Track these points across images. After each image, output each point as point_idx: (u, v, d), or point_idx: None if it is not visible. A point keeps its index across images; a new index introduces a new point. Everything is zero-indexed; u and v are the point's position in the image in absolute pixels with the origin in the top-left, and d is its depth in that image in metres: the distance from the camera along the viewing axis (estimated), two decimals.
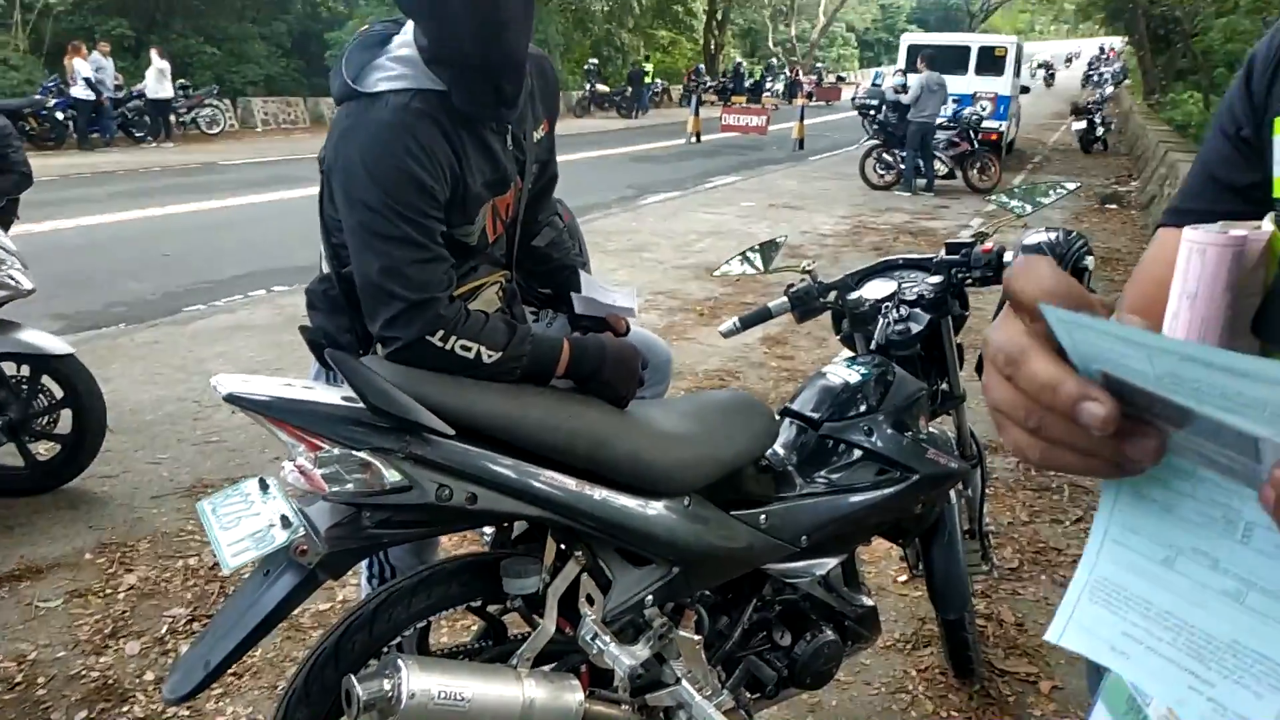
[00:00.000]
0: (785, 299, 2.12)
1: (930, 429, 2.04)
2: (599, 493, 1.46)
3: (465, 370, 1.43)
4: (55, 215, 8.67)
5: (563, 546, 1.51)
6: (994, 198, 2.35)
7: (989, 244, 2.02)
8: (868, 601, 1.92)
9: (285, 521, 1.30)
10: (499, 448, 1.39)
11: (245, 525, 1.33)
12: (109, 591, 2.64)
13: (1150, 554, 0.46)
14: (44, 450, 3.25)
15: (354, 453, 1.29)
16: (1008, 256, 1.99)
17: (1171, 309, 0.56)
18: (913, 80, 11.30)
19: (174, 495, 3.25)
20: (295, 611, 2.52)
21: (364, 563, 1.88)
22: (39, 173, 4.09)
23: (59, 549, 2.86)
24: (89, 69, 14.55)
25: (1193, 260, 0.54)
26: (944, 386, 2.14)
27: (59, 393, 3.15)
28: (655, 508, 1.53)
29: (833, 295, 2.11)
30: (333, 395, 1.35)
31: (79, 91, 14.49)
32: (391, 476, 1.30)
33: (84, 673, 2.28)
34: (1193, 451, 0.43)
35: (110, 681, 2.25)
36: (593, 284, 1.88)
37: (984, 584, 2.74)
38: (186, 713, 2.13)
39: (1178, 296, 0.55)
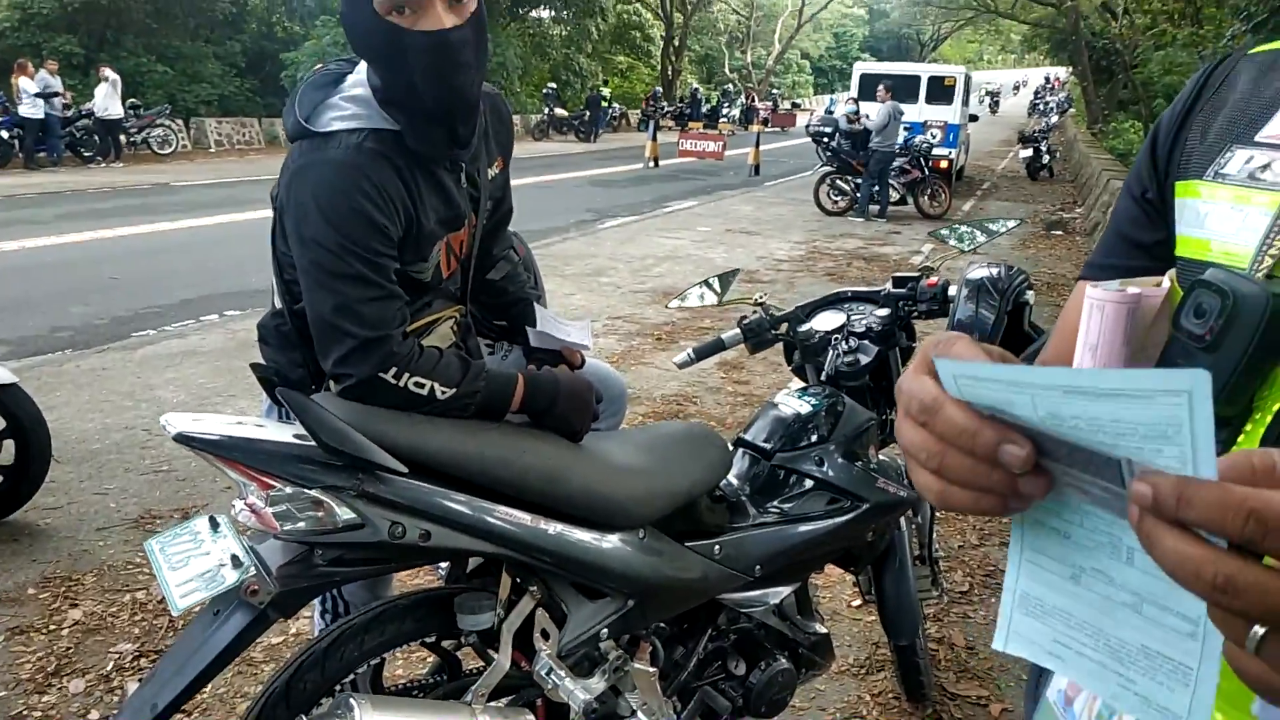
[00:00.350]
0: (738, 330, 2.15)
1: (880, 458, 2.08)
2: (554, 527, 1.47)
3: (418, 407, 1.43)
4: (1, 237, 8.47)
5: (518, 581, 1.52)
6: (938, 231, 2.42)
7: (934, 278, 2.08)
8: (821, 629, 1.95)
9: (236, 561, 1.29)
10: (452, 484, 1.40)
11: (195, 565, 1.31)
12: (52, 628, 2.57)
13: (1059, 572, 0.50)
14: None
15: (306, 491, 1.29)
16: (952, 290, 2.04)
17: (1076, 359, 0.60)
18: (877, 109, 11.54)
19: (121, 526, 3.18)
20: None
21: (317, 599, 1.86)
22: None
23: (0, 584, 2.78)
24: (35, 87, 14.26)
25: (1093, 315, 0.59)
26: (892, 416, 2.19)
27: (1, 423, 3.07)
28: (610, 541, 1.54)
29: (784, 327, 2.15)
30: (284, 433, 1.34)
31: (26, 110, 14.19)
32: (344, 514, 1.29)
33: (25, 713, 2.22)
34: (1074, 487, 0.46)
35: None
36: (547, 318, 1.89)
37: (935, 608, 2.79)
38: None
39: (1081, 348, 0.60)
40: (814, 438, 1.91)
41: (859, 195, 11.85)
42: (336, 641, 1.42)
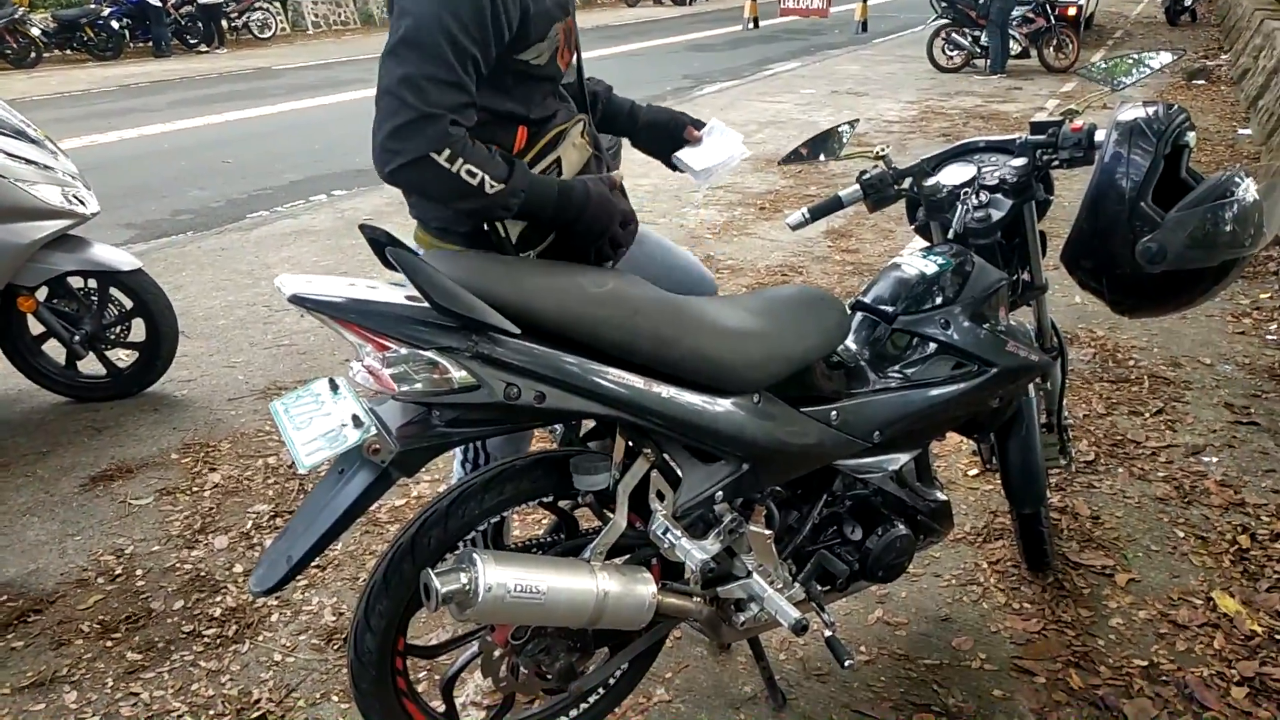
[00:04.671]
0: (857, 187, 2.02)
1: (1010, 320, 1.96)
2: (666, 390, 1.43)
3: (465, 199, 1.40)
4: (119, 125, 8.79)
5: (631, 444, 1.50)
6: (1083, 69, 2.19)
7: (1079, 122, 1.89)
8: (941, 496, 1.89)
9: (356, 421, 1.31)
10: (564, 346, 1.37)
11: (317, 425, 1.33)
12: (195, 489, 2.75)
13: None
14: (124, 356, 3.35)
15: (421, 352, 1.28)
16: (1099, 135, 1.85)
17: None
18: None
19: (250, 397, 3.35)
20: (372, 507, 2.60)
21: (458, 450, 1.89)
22: (99, 83, 4.08)
23: (146, 450, 2.98)
24: None
25: None
26: (1025, 276, 2.04)
27: (128, 303, 3.23)
28: (723, 405, 1.50)
29: (908, 182, 2.01)
30: (397, 295, 1.33)
31: None
32: (460, 376, 1.28)
33: (178, 565, 2.40)
34: None
35: (202, 573, 2.36)
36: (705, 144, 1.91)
37: (1059, 477, 2.68)
38: (275, 602, 2.23)
39: None
40: (939, 299, 1.81)
41: (978, 49, 11.02)
42: (458, 500, 1.45)
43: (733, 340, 1.53)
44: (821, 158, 2.13)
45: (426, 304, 1.28)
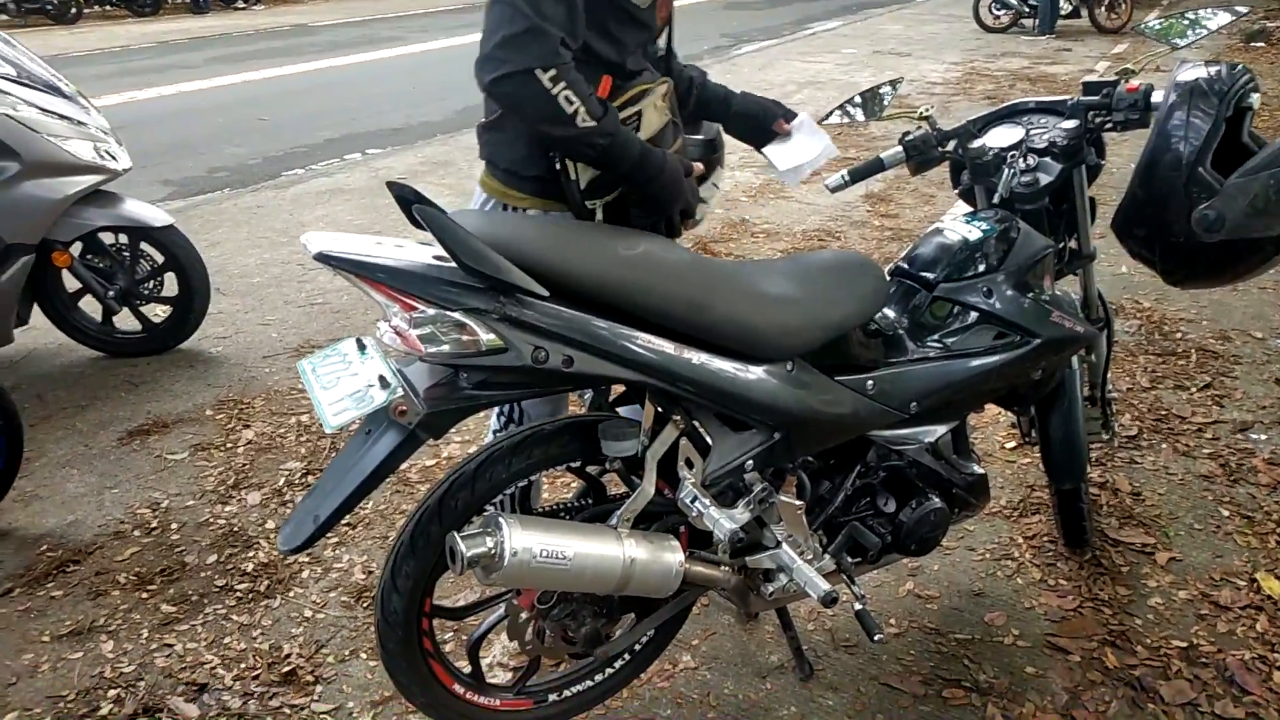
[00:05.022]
0: (899, 149, 1.96)
1: (1055, 290, 1.90)
2: (697, 356, 1.40)
3: (558, 126, 1.41)
4: (157, 82, 8.83)
5: (661, 410, 1.47)
6: (1143, 25, 2.09)
7: (1135, 82, 1.80)
8: (978, 469, 1.84)
9: (383, 382, 1.29)
10: (595, 309, 1.34)
11: (344, 385, 1.32)
12: (229, 445, 2.77)
13: None
14: (159, 312, 3.38)
15: (448, 313, 1.25)
16: (1156, 96, 1.77)
17: None
18: None
19: (284, 355, 3.36)
20: (403, 466, 2.60)
21: (495, 409, 1.87)
22: (138, 40, 4.09)
23: (182, 405, 3.01)
24: None
25: None
26: (1072, 244, 1.97)
27: (160, 258, 3.25)
28: (756, 372, 1.47)
29: (952, 144, 1.94)
30: (425, 254, 1.30)
31: None
32: (487, 338, 1.26)
33: (211, 520, 2.42)
34: None
35: (236, 529, 2.38)
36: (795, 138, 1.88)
37: (1100, 451, 2.62)
38: (306, 559, 2.25)
39: None
40: (982, 267, 1.75)
41: (1026, 8, 10.68)
42: (485, 463, 1.43)
43: (767, 306, 1.49)
44: (862, 118, 2.06)
45: (454, 264, 1.25)
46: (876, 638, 1.61)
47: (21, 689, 1.88)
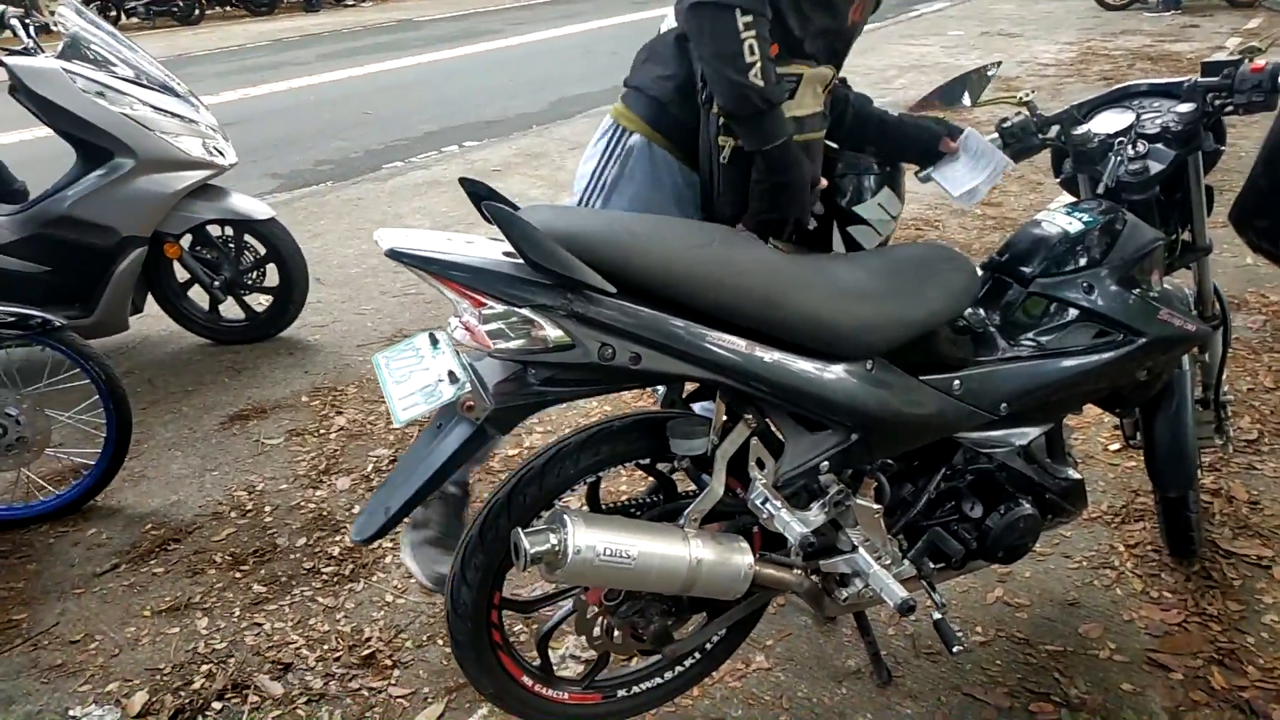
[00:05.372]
0: (997, 135, 1.87)
1: (1165, 285, 1.77)
2: (770, 354, 1.36)
3: (729, 66, 1.48)
4: (271, 79, 9.21)
5: (732, 408, 1.43)
6: (1271, 1, 1.92)
7: (1260, 61, 1.66)
8: (1074, 474, 1.74)
9: (453, 377, 1.30)
10: (664, 306, 1.31)
11: (416, 379, 1.33)
12: (322, 431, 2.87)
13: None
14: (262, 301, 3.52)
15: (517, 309, 1.25)
16: None
17: None
18: None
19: (377, 344, 3.46)
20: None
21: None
22: (254, 38, 4.26)
23: (279, 391, 3.13)
24: None
25: None
26: (1186, 236, 1.84)
27: (262, 250, 3.38)
28: (833, 371, 1.42)
29: (1054, 130, 1.84)
30: (494, 251, 1.30)
31: None
32: (554, 334, 1.25)
33: (302, 504, 2.51)
34: None
35: (325, 513, 2.46)
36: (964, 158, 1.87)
37: (1213, 456, 2.45)
38: (390, 545, 2.31)
39: None
40: (1084, 260, 1.64)
41: None
42: (554, 459, 1.43)
43: (845, 302, 1.43)
44: (963, 102, 1.97)
45: (522, 260, 1.25)
46: (955, 649, 1.54)
47: (123, 660, 1.99)
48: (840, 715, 1.77)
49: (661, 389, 1.63)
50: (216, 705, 1.86)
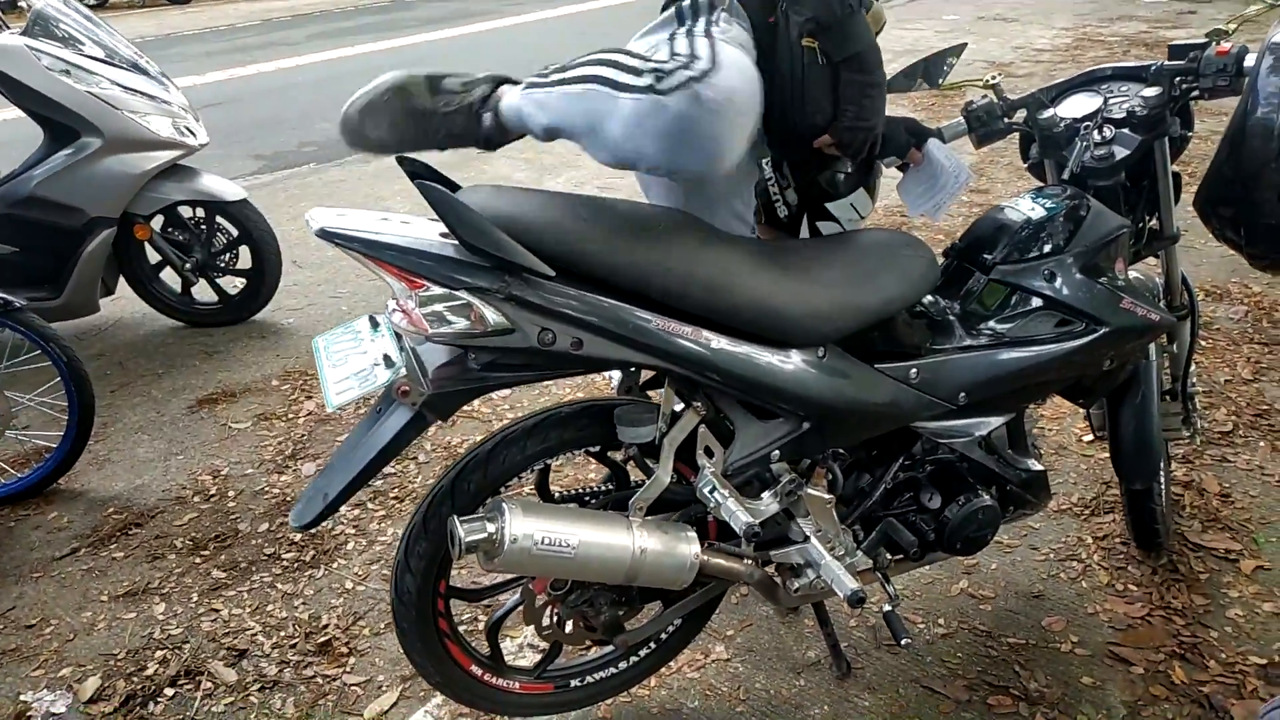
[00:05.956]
0: (961, 119, 1.83)
1: (1132, 274, 1.75)
2: (717, 341, 1.33)
3: None
4: (259, 59, 9.12)
5: (680, 395, 1.41)
6: None
7: (1226, 44, 1.63)
8: (1035, 466, 1.71)
9: (389, 361, 1.27)
10: (608, 291, 1.28)
11: (352, 363, 1.31)
12: (290, 416, 2.84)
13: None
14: (236, 284, 3.49)
15: (454, 293, 1.22)
16: (1249, 60, 1.59)
17: None
18: None
19: None
20: (450, 439, 2.61)
21: None
22: (245, 17, 4.20)
23: (250, 375, 3.10)
24: None
25: None
26: (1153, 224, 1.81)
27: (234, 231, 3.34)
28: (783, 358, 1.39)
29: (1020, 114, 1.80)
30: (431, 231, 1.27)
31: None
32: (493, 318, 1.22)
33: (267, 489, 2.49)
34: None
35: (288, 498, 2.44)
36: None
37: (1186, 448, 2.43)
38: (352, 531, 2.29)
39: None
40: (1047, 248, 1.61)
41: None
42: (499, 445, 1.40)
43: (796, 288, 1.41)
44: (925, 86, 1.93)
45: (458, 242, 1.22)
46: (904, 642, 1.52)
47: (78, 645, 1.96)
48: (797, 707, 1.76)
49: (617, 375, 1.61)
50: (169, 691, 1.84)
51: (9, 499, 2.43)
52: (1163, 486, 1.98)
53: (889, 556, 1.65)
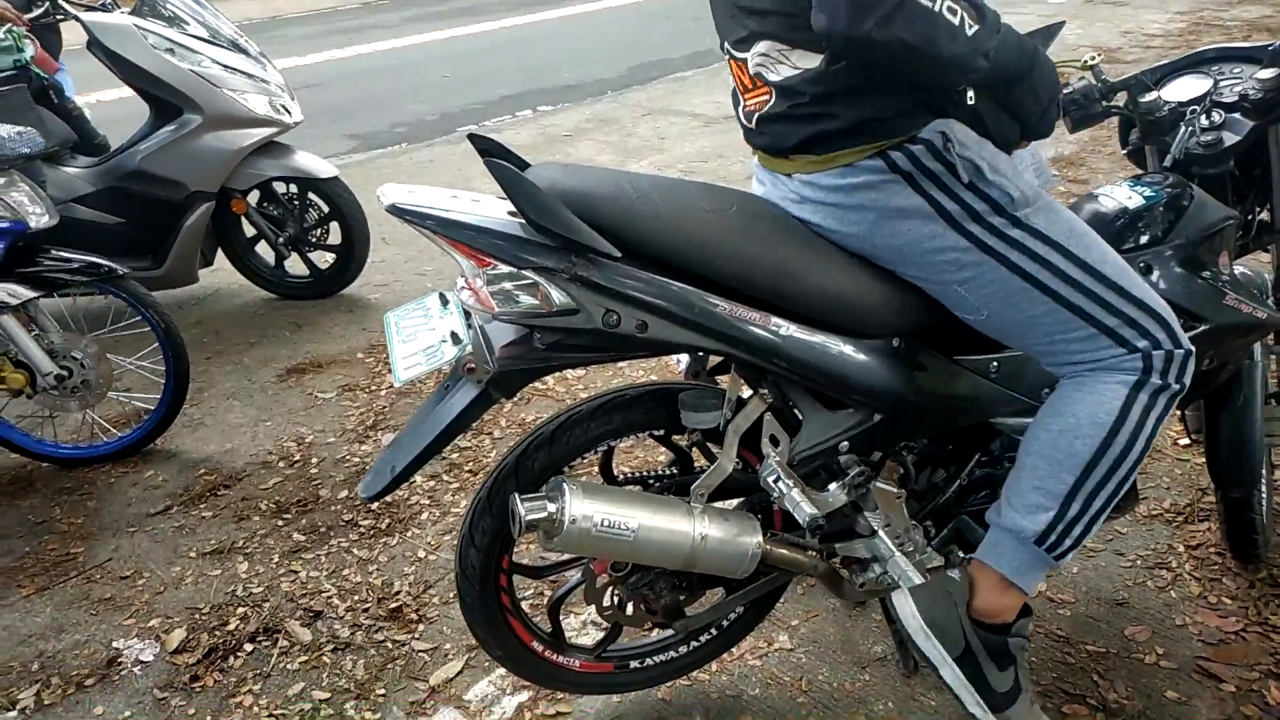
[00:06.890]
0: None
1: (1238, 268, 1.64)
2: (786, 328, 1.30)
3: (935, 43, 1.10)
4: (358, 41, 9.35)
5: (747, 382, 1.38)
6: None
7: None
8: None
9: (455, 338, 1.29)
10: (675, 273, 1.26)
11: (421, 339, 1.33)
12: (373, 388, 2.92)
13: None
14: (327, 259, 3.59)
15: (521, 272, 1.23)
16: None
17: None
18: None
19: None
20: (523, 415, 2.64)
21: None
22: (343, 1, 4.27)
23: (336, 347, 3.19)
24: None
25: None
26: (1263, 216, 1.70)
27: (325, 207, 3.43)
28: (856, 348, 1.35)
29: (1120, 97, 1.71)
30: (500, 210, 1.28)
31: None
32: (559, 298, 1.22)
33: (348, 457, 2.56)
34: None
35: (369, 467, 2.49)
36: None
37: None
38: (427, 501, 2.34)
39: None
40: (1144, 238, 1.53)
41: None
42: (564, 426, 1.41)
43: (871, 277, 1.36)
44: None
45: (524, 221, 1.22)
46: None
47: (167, 598, 2.06)
48: (860, 701, 1.72)
49: (685, 359, 1.59)
50: (248, 647, 1.91)
51: (110, 457, 2.56)
52: (1263, 495, 1.86)
53: (961, 554, 1.59)
